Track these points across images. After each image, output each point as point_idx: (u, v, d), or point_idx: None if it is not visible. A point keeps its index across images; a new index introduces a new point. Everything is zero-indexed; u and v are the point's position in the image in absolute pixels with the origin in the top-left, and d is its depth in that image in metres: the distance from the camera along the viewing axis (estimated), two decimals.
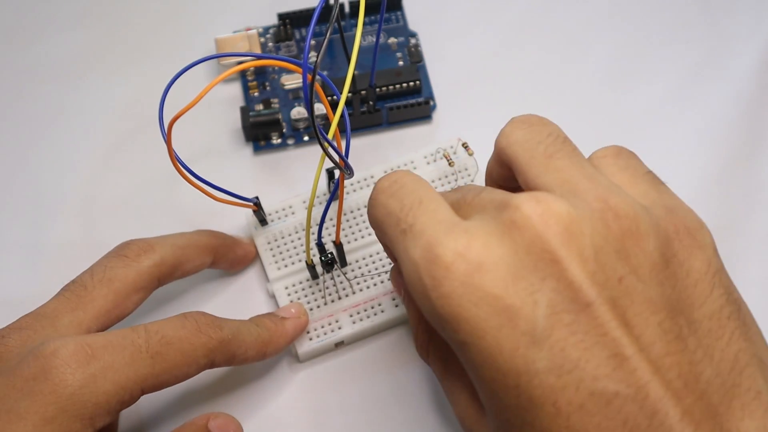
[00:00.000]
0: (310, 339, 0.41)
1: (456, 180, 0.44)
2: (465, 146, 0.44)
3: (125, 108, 0.48)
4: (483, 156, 0.44)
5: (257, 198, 0.41)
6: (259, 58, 0.44)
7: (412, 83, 0.47)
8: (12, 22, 0.50)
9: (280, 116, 0.46)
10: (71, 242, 0.44)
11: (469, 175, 0.44)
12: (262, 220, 0.43)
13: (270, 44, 0.49)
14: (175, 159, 0.35)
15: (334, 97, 0.44)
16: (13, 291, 0.43)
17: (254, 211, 0.42)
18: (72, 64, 0.49)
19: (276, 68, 0.48)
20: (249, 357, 0.38)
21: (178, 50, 0.49)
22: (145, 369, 0.33)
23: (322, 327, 0.41)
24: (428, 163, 0.45)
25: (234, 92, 0.48)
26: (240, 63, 0.37)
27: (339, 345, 0.42)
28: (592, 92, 0.48)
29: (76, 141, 0.47)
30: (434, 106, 0.47)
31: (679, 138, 0.46)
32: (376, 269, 0.42)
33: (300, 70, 0.32)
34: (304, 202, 0.44)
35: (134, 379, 0.33)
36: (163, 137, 0.34)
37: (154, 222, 0.44)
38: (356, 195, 0.44)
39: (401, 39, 0.49)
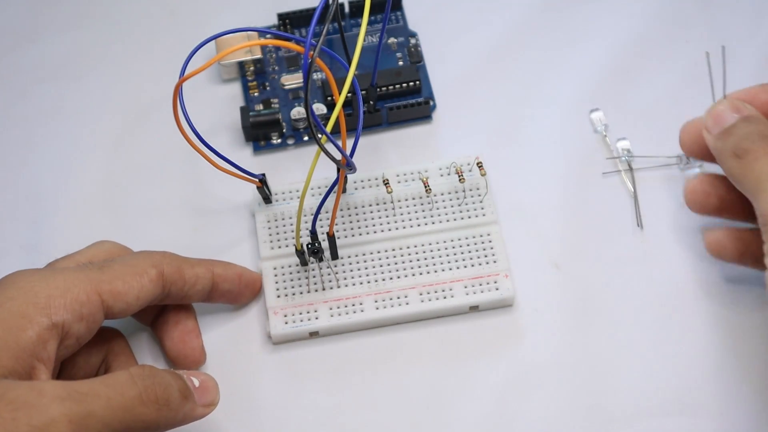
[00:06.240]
0: (286, 323, 0.41)
1: (464, 197, 0.44)
2: (479, 165, 0.44)
3: (125, 108, 0.48)
4: (488, 166, 0.44)
5: (263, 175, 0.42)
6: (262, 34, 0.45)
7: (412, 83, 0.47)
8: (12, 22, 0.50)
9: (280, 116, 0.46)
10: (72, 242, 0.44)
11: (479, 195, 0.44)
12: (266, 198, 0.43)
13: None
14: (180, 122, 0.36)
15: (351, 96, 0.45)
16: None
17: (258, 188, 0.42)
18: (72, 64, 0.49)
19: (276, 68, 0.48)
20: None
21: (178, 50, 0.49)
22: (94, 274, 0.36)
23: (300, 314, 0.41)
24: (441, 176, 0.44)
25: (234, 92, 0.48)
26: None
27: (314, 335, 0.42)
28: (591, 92, 0.48)
29: (77, 141, 0.47)
30: (434, 106, 0.47)
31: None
32: (366, 269, 0.42)
33: (302, 49, 0.32)
34: (312, 188, 0.44)
35: (85, 280, 0.36)
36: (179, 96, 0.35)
37: (158, 220, 0.45)
38: (362, 192, 0.44)
39: (401, 39, 0.49)
